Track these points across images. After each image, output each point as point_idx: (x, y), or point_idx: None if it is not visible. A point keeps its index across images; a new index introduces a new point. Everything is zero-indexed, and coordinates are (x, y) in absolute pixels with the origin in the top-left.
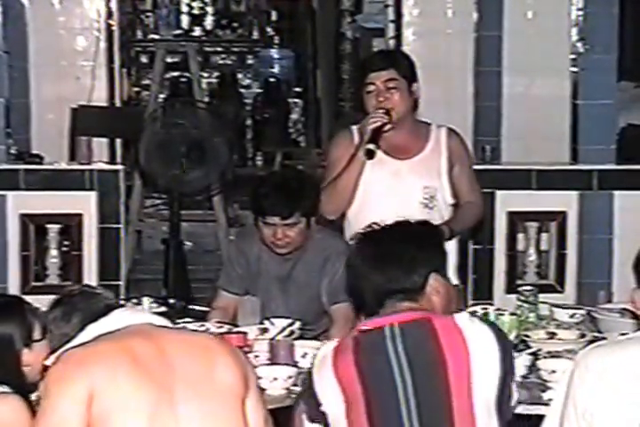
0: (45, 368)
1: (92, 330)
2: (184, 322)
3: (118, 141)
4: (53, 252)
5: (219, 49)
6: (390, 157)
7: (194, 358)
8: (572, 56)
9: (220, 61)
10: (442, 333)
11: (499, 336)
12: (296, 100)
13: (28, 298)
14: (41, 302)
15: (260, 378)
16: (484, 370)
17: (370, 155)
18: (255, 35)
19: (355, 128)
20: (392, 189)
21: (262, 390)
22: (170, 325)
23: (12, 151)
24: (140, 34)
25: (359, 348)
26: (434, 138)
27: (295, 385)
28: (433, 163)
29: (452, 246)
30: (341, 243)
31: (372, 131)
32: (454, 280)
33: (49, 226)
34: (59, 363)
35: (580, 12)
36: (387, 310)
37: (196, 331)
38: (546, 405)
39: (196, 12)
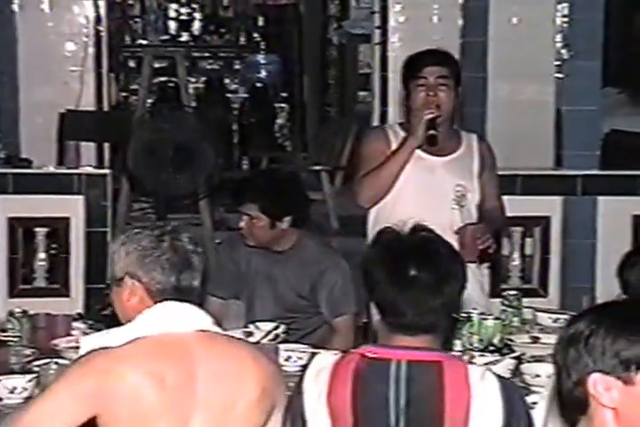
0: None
1: (139, 323)
2: None
3: (106, 146)
4: (41, 255)
5: (206, 54)
6: (426, 153)
7: (221, 387)
8: (557, 62)
9: (208, 66)
10: (448, 385)
11: (508, 398)
12: (282, 104)
13: (15, 301)
14: (28, 304)
15: None
16: None
17: (432, 141)
18: (242, 40)
19: (387, 125)
20: (426, 185)
21: None
22: (216, 329)
23: (1, 155)
24: (128, 39)
25: (359, 379)
26: (466, 142)
27: None
28: (465, 164)
29: None
30: (338, 257)
31: (428, 120)
32: None
33: (37, 229)
34: (82, 365)
35: (565, 19)
36: (404, 338)
37: (240, 340)
38: (530, 409)
39: (183, 17)
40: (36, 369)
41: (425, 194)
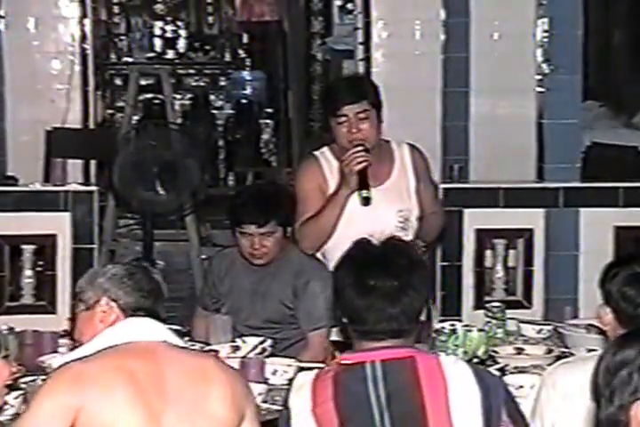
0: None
1: (108, 334)
2: None
3: (92, 163)
4: (28, 272)
5: (191, 71)
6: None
7: (190, 385)
8: (538, 77)
9: (193, 83)
10: (424, 376)
11: (481, 379)
12: (267, 120)
13: (2, 318)
14: (15, 321)
15: None
16: (465, 417)
17: (366, 202)
18: (227, 57)
19: (319, 153)
20: (367, 217)
21: None
22: (180, 343)
23: None
24: (113, 57)
25: (338, 385)
26: (398, 158)
27: (265, 402)
28: (402, 185)
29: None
30: (323, 267)
31: (359, 174)
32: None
33: (23, 246)
34: (55, 376)
35: (546, 34)
36: (372, 344)
37: (202, 351)
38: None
39: (168, 35)
40: (23, 386)
41: (369, 226)
